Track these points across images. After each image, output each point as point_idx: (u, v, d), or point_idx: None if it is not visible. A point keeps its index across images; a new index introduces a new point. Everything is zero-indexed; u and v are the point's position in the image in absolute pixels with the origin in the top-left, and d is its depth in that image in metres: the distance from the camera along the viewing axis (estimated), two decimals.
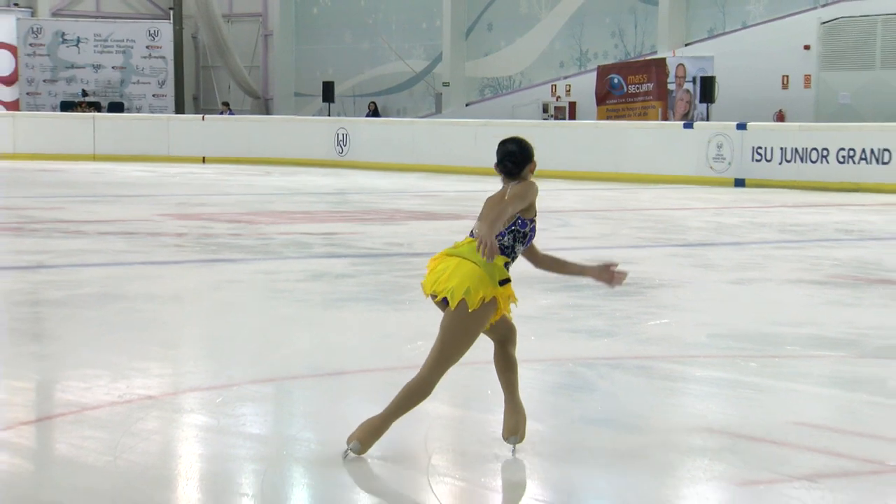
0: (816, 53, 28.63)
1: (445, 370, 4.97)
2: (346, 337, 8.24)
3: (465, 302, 4.86)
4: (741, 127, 24.89)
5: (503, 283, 4.94)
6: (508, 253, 4.99)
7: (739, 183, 24.54)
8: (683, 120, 28.49)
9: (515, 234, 4.98)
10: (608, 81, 30.44)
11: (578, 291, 9.50)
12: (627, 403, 6.41)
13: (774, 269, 11.92)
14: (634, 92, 29.92)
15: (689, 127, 26.16)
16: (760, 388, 6.82)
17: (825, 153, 23.67)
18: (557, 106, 33.48)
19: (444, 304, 4.94)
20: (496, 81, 36.64)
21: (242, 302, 9.75)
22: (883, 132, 23.38)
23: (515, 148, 5.06)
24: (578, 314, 8.94)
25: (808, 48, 28.69)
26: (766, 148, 24.47)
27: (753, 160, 24.60)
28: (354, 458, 4.95)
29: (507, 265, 4.98)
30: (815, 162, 23.79)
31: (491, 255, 4.72)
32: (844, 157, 23.43)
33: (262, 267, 11.82)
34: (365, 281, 10.90)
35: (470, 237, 5.00)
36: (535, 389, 6.33)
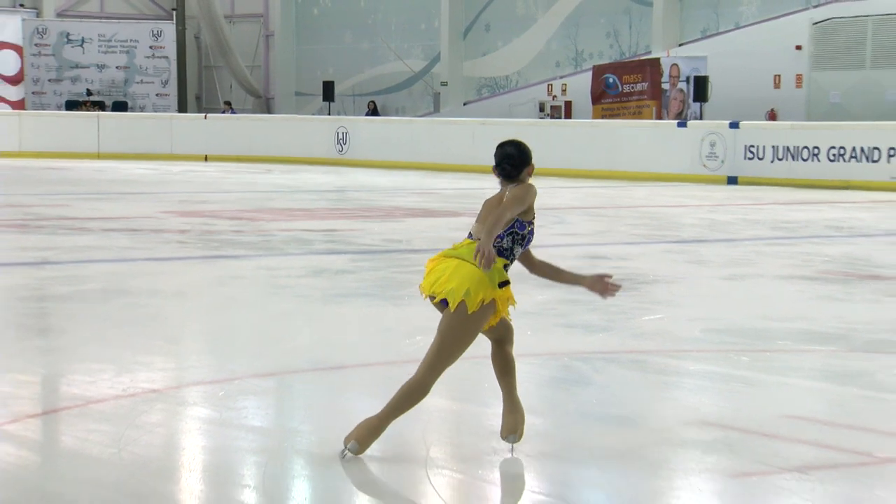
0: (808, 53, 28.64)
1: (442, 371, 4.90)
2: (345, 332, 8.24)
3: (464, 304, 4.78)
4: (734, 126, 24.90)
5: (502, 285, 4.86)
6: (507, 255, 4.91)
7: (732, 181, 24.55)
8: (677, 119, 28.49)
9: (514, 236, 4.90)
10: (603, 81, 30.44)
11: (573, 287, 9.48)
12: (622, 397, 6.42)
13: (766, 265, 11.93)
14: (629, 91, 29.93)
15: (682, 126, 26.16)
16: (752, 381, 6.83)
17: (816, 152, 23.68)
18: (553, 105, 33.49)
19: (443, 305, 4.86)
20: (493, 81, 36.63)
21: (244, 297, 9.76)
22: (873, 131, 23.38)
23: (514, 151, 4.96)
24: (574, 309, 8.94)
25: (799, 48, 28.69)
26: (758, 146, 24.48)
27: (746, 158, 24.62)
28: (352, 458, 4.90)
29: (505, 267, 4.90)
30: (806, 160, 23.81)
31: (488, 265, 4.65)
32: (835, 155, 23.44)
33: (263, 263, 11.83)
34: (364, 277, 10.90)
35: (469, 239, 4.92)
36: (531, 383, 6.33)
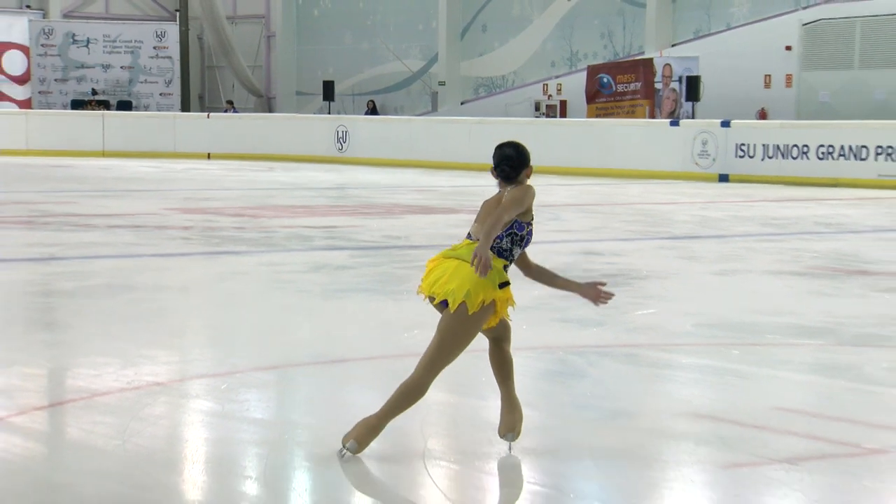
0: (797, 54, 28.64)
1: (440, 370, 4.83)
2: (345, 326, 8.24)
3: (465, 304, 4.70)
4: (725, 125, 24.91)
5: (503, 286, 4.79)
6: (507, 255, 4.83)
7: (723, 178, 24.56)
8: (670, 118, 28.49)
9: (513, 237, 4.82)
10: (598, 81, 30.44)
11: None
12: (616, 390, 6.43)
13: (757, 260, 11.94)
14: (623, 91, 29.93)
15: (675, 124, 26.16)
16: (743, 374, 6.84)
17: (805, 150, 23.69)
18: (549, 104, 33.50)
19: (442, 305, 4.78)
20: (490, 81, 36.62)
21: (246, 292, 9.76)
22: (861, 130, 23.40)
23: (512, 152, 4.87)
24: (569, 304, 8.93)
25: (789, 49, 28.70)
26: (748, 145, 24.49)
27: (737, 156, 24.63)
28: (351, 457, 4.83)
29: (505, 268, 4.83)
30: (795, 158, 23.82)
31: (484, 271, 4.58)
32: (824, 153, 23.46)
33: (265, 259, 11.83)
34: (364, 272, 10.90)
35: (468, 239, 4.85)
36: (527, 377, 6.34)
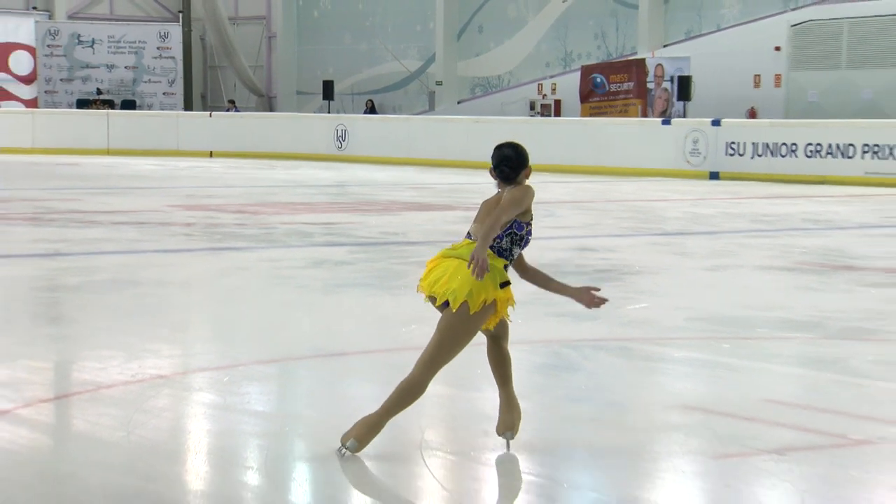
0: (786, 54, 28.63)
1: (439, 368, 4.74)
2: (345, 320, 8.24)
3: (466, 304, 4.60)
4: (716, 123, 24.91)
5: (503, 285, 4.71)
6: (507, 255, 4.74)
7: (714, 176, 24.57)
8: (662, 117, 28.50)
9: (513, 236, 4.74)
10: (591, 80, 30.44)
11: (563, 278, 9.47)
12: (609, 382, 6.43)
13: (746, 256, 11.94)
14: (616, 90, 29.92)
15: (667, 123, 26.16)
16: (733, 367, 6.84)
17: (794, 148, 23.70)
18: (544, 104, 33.48)
19: (444, 305, 4.69)
20: (486, 80, 36.60)
21: (247, 288, 9.76)
22: (848, 129, 23.41)
23: (512, 153, 4.76)
24: (563, 299, 8.91)
25: (778, 49, 28.70)
26: (738, 143, 24.49)
27: (727, 154, 24.63)
28: (344, 454, 4.73)
29: (505, 267, 4.75)
30: (784, 156, 23.83)
31: (481, 274, 4.48)
32: (812, 151, 23.46)
33: (265, 255, 11.82)
34: (363, 268, 10.90)
35: (468, 238, 4.76)
36: (523, 369, 6.33)
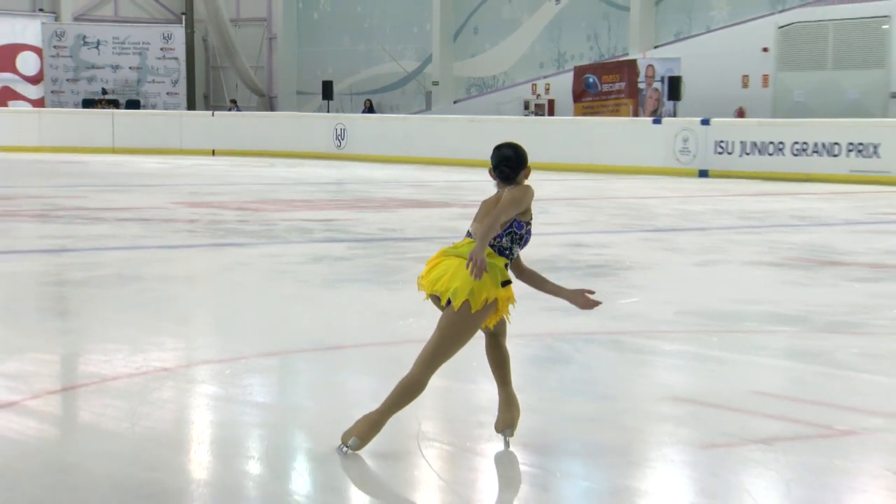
0: (774, 55, 28.64)
1: (439, 366, 4.67)
2: (343, 314, 8.24)
3: (468, 303, 4.51)
4: (705, 122, 24.92)
5: (504, 284, 4.63)
6: (507, 254, 4.63)
7: (703, 174, 24.57)
8: (652, 116, 28.50)
9: (513, 235, 4.64)
10: (584, 81, 30.42)
11: (557, 272, 9.50)
12: (600, 375, 6.44)
13: (735, 252, 11.95)
14: (608, 90, 29.91)
15: (657, 122, 26.17)
16: (722, 360, 6.85)
17: (781, 147, 23.71)
18: (538, 103, 33.47)
19: (445, 303, 4.60)
20: (481, 81, 36.59)
21: (249, 283, 9.75)
22: (833, 128, 23.43)
23: (511, 153, 4.66)
24: None
25: (766, 50, 28.70)
26: (727, 142, 24.50)
27: (716, 153, 24.63)
28: (349, 453, 4.66)
29: (506, 266, 4.65)
30: (771, 154, 23.84)
31: (479, 274, 4.39)
32: (798, 150, 23.47)
33: (266, 251, 11.82)
34: (361, 263, 10.90)
35: (468, 237, 4.66)
36: (516, 362, 6.29)
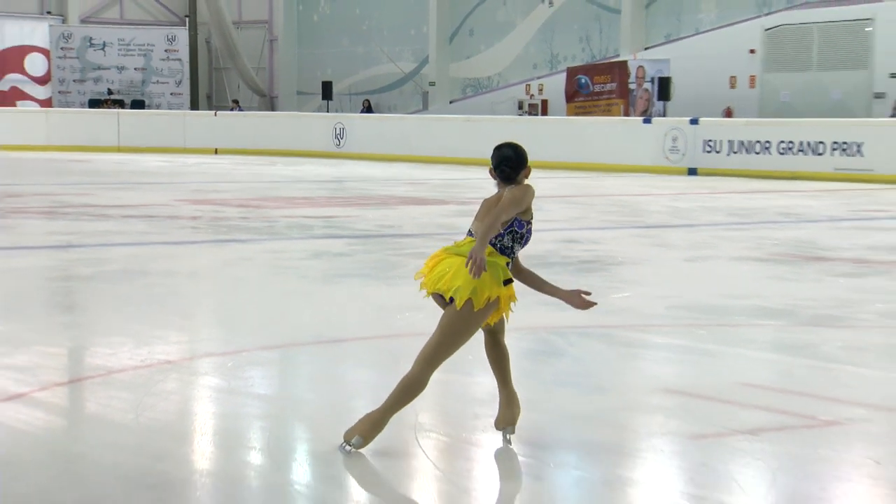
0: (760, 57, 28.66)
1: (439, 365, 4.58)
2: (343, 308, 8.24)
3: (471, 301, 4.43)
4: (694, 122, 24.92)
5: (506, 282, 4.52)
6: (508, 253, 4.54)
7: (692, 172, 24.58)
8: (643, 116, 28.49)
9: (514, 234, 4.55)
10: (576, 81, 30.42)
11: (550, 268, 9.51)
12: (593, 367, 6.44)
13: (723, 248, 11.95)
14: (599, 91, 29.91)
15: (647, 122, 26.17)
16: (710, 353, 6.85)
17: (768, 145, 23.72)
18: (531, 103, 33.47)
19: (448, 301, 4.51)
20: (477, 81, 36.57)
21: (251, 278, 9.75)
22: (818, 127, 23.46)
23: (511, 153, 4.58)
24: None
25: (753, 52, 28.72)
26: (715, 141, 24.51)
27: (704, 151, 24.64)
28: (352, 451, 4.56)
29: (507, 264, 4.57)
30: (758, 153, 23.85)
31: (478, 272, 4.31)
32: (784, 148, 23.49)
33: (268, 247, 11.81)
34: (360, 259, 10.89)
35: (469, 236, 4.58)
36: (511, 355, 6.31)
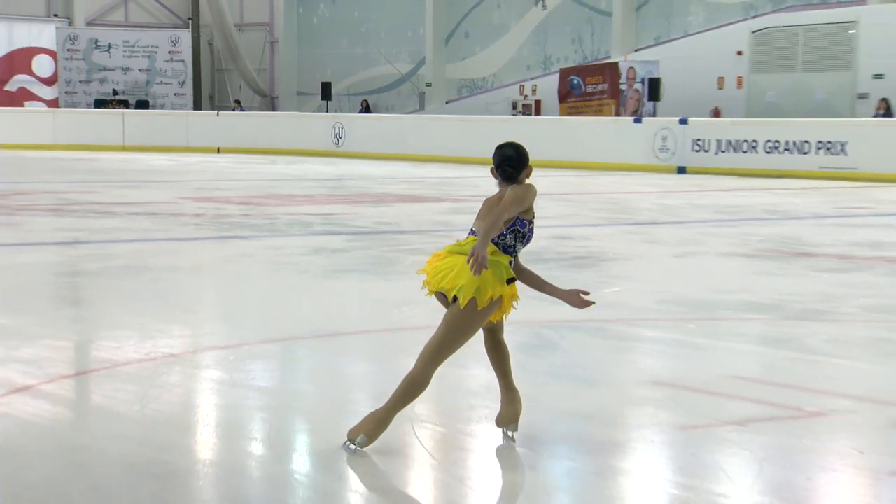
0: (748, 58, 28.65)
1: (441, 363, 4.49)
2: (342, 303, 8.24)
3: (474, 300, 4.34)
4: (683, 122, 24.93)
5: (509, 281, 4.44)
6: (511, 252, 4.47)
7: (681, 170, 24.58)
8: (633, 116, 28.49)
9: (516, 233, 4.47)
10: (569, 82, 30.40)
11: (544, 264, 9.51)
12: (585, 360, 6.44)
13: (711, 244, 11.96)
14: (591, 91, 29.90)
15: (638, 122, 26.17)
16: (699, 346, 6.86)
17: (755, 144, 23.74)
18: (525, 104, 33.44)
19: (452, 300, 4.39)
20: (472, 82, 36.55)
21: (252, 273, 9.74)
22: (804, 126, 23.47)
23: (513, 153, 4.53)
24: None
25: (740, 54, 28.71)
26: (704, 140, 24.51)
27: (693, 150, 24.65)
28: (354, 449, 4.47)
29: (510, 263, 4.50)
30: (746, 152, 23.86)
31: (479, 270, 4.23)
32: (771, 147, 23.50)
33: (269, 243, 11.80)
34: (358, 255, 10.89)
35: (472, 235, 4.51)
36: None
